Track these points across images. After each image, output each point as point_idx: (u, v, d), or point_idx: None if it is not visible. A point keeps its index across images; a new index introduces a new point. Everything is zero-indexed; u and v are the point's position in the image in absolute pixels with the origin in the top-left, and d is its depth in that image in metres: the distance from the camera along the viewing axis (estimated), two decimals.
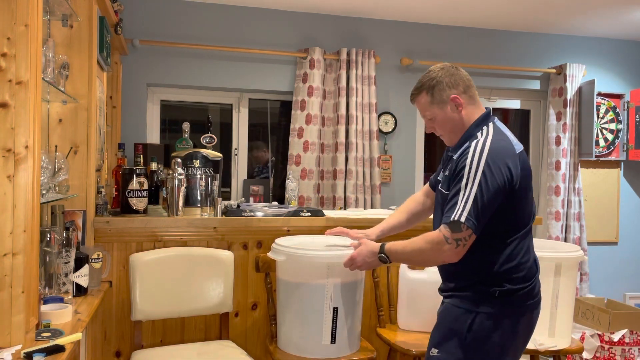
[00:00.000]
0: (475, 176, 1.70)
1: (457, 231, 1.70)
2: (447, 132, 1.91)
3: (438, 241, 1.73)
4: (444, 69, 1.89)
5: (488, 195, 1.69)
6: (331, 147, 4.14)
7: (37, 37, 1.74)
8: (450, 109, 1.87)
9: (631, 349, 3.58)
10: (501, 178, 1.71)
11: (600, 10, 4.06)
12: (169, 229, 2.69)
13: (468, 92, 1.88)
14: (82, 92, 2.44)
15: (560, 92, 4.58)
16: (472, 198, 1.69)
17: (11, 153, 1.66)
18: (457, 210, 1.70)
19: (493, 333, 1.76)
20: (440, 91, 1.87)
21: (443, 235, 1.72)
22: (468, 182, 1.71)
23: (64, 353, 1.62)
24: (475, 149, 1.74)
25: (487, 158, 1.71)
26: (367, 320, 2.85)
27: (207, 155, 3.00)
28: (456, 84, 1.87)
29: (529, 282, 1.82)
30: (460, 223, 1.68)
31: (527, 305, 1.82)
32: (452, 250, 1.72)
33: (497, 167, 1.71)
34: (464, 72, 1.91)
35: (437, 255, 1.76)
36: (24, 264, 1.67)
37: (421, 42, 4.41)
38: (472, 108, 1.88)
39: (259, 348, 2.84)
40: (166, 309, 2.57)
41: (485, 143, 1.75)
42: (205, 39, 4.00)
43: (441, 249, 1.73)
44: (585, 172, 4.74)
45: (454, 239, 1.71)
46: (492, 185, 1.70)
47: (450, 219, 1.71)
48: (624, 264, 4.82)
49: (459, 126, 1.88)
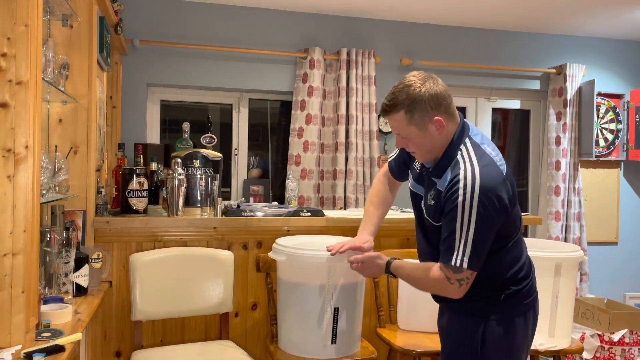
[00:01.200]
0: (470, 219, 1.63)
1: (459, 272, 1.67)
2: (423, 151, 1.79)
3: (441, 281, 1.71)
4: (426, 85, 1.71)
5: (487, 234, 1.66)
6: (331, 147, 4.14)
7: (37, 37, 1.74)
8: (430, 131, 1.73)
9: (631, 349, 3.58)
10: (497, 213, 1.65)
11: (600, 10, 4.06)
12: (169, 229, 2.69)
13: (448, 110, 1.74)
14: (82, 92, 2.44)
15: (560, 92, 4.58)
16: (470, 242, 1.64)
17: (11, 153, 1.66)
18: (457, 255, 1.65)
19: (507, 336, 1.76)
20: (421, 113, 1.71)
21: (445, 276, 1.70)
22: (463, 224, 1.64)
23: (64, 353, 1.62)
24: (465, 186, 1.63)
25: (481, 197, 1.62)
26: (367, 320, 2.85)
27: (207, 155, 3.00)
28: (438, 105, 1.71)
29: (529, 278, 1.83)
30: (462, 268, 1.66)
31: (531, 300, 1.83)
32: (456, 290, 1.70)
33: (492, 203, 1.63)
34: (441, 86, 1.75)
35: (440, 291, 1.77)
36: (24, 264, 1.67)
37: (421, 42, 4.41)
38: (451, 125, 1.76)
39: (259, 348, 2.84)
40: (166, 309, 2.57)
41: (475, 178, 1.64)
42: (205, 39, 4.00)
43: (444, 287, 1.72)
44: (585, 172, 4.74)
45: (456, 280, 1.69)
46: (489, 224, 1.65)
47: (450, 263, 1.67)
48: (624, 264, 4.82)
49: (437, 146, 1.77)
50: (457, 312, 1.84)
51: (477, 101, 4.72)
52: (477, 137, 1.77)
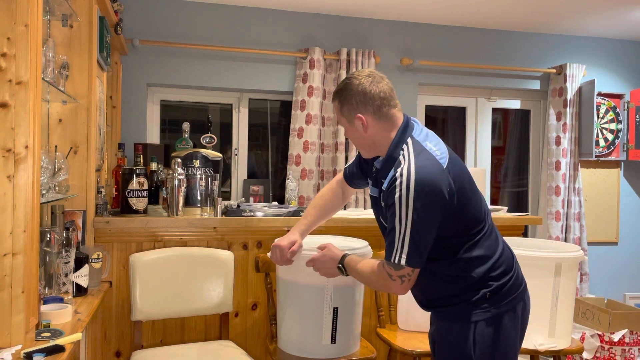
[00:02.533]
0: (407, 215, 1.62)
1: (400, 269, 1.67)
2: (357, 145, 1.87)
3: (383, 277, 1.71)
4: (363, 83, 1.77)
5: (424, 231, 1.64)
6: (331, 147, 4.14)
7: (37, 37, 1.74)
8: (357, 126, 1.80)
9: (631, 349, 3.58)
10: (433, 208, 1.64)
11: (600, 10, 4.06)
12: (169, 229, 2.69)
13: (379, 111, 1.77)
14: (82, 92, 2.44)
15: (560, 92, 4.58)
16: (407, 239, 1.63)
17: (11, 153, 1.66)
18: (396, 251, 1.66)
19: (498, 335, 1.72)
20: (348, 108, 1.80)
21: (387, 272, 1.70)
22: (401, 221, 1.63)
23: (64, 353, 1.62)
24: (401, 182, 1.64)
25: (416, 191, 1.61)
26: (367, 320, 2.85)
27: (207, 155, 3.00)
28: (365, 103, 1.76)
29: (511, 272, 1.78)
30: (401, 265, 1.66)
31: (519, 293, 1.79)
32: (398, 286, 1.70)
33: (427, 198, 1.62)
34: (382, 89, 1.78)
35: (385, 288, 1.76)
36: (24, 264, 1.67)
37: (421, 42, 4.41)
38: (382, 127, 1.78)
39: (259, 348, 2.84)
40: (166, 309, 2.57)
41: (410, 173, 1.63)
42: (205, 39, 4.00)
43: (386, 284, 1.72)
44: (585, 172, 4.74)
45: (398, 276, 1.68)
46: (426, 220, 1.63)
47: (390, 259, 1.67)
48: (624, 264, 4.82)
49: (367, 144, 1.83)
50: (444, 319, 1.80)
51: (477, 101, 4.72)
52: (421, 136, 1.78)
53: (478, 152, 4.69)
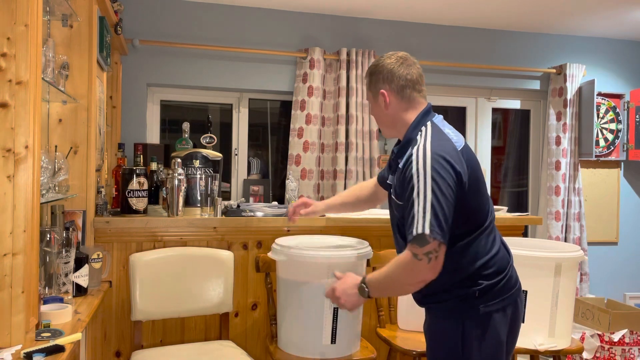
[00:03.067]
0: (425, 184, 1.63)
1: (424, 244, 1.59)
2: (378, 122, 1.95)
3: (408, 261, 1.62)
4: (391, 61, 1.85)
5: (444, 199, 1.62)
6: (331, 147, 4.14)
7: (37, 37, 1.74)
8: (379, 102, 1.87)
9: (631, 349, 3.58)
10: (450, 179, 1.65)
11: (600, 10, 4.06)
12: (169, 229, 2.69)
13: (402, 92, 1.83)
14: (82, 92, 2.44)
15: (560, 92, 4.58)
16: (429, 207, 1.60)
17: (11, 153, 1.66)
18: (417, 223, 1.61)
19: (486, 334, 1.73)
20: (375, 81, 1.88)
21: (411, 253, 1.61)
22: (420, 192, 1.63)
23: (64, 353, 1.62)
24: (417, 156, 1.67)
25: (432, 162, 1.64)
26: (367, 320, 2.85)
27: (207, 155, 3.00)
28: (390, 80, 1.84)
29: (503, 273, 1.77)
30: (425, 235, 1.59)
31: (510, 295, 1.78)
32: (425, 267, 1.60)
33: (444, 168, 1.64)
34: (411, 71, 1.85)
35: (413, 276, 1.65)
36: (24, 264, 1.67)
37: (421, 42, 4.41)
38: (403, 107, 1.85)
39: (259, 348, 2.84)
40: (166, 309, 2.57)
41: (426, 147, 1.68)
42: (205, 39, 4.00)
43: (414, 268, 1.62)
44: (585, 172, 4.74)
45: (423, 254, 1.60)
46: (446, 188, 1.63)
47: (413, 234, 1.61)
48: (624, 264, 4.82)
49: (388, 121, 1.89)
50: (436, 316, 1.81)
51: (477, 101, 4.72)
52: (440, 123, 1.84)
53: (478, 152, 4.68)
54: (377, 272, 1.75)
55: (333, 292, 1.84)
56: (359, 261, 2.36)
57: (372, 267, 2.69)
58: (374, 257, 2.61)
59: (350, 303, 1.81)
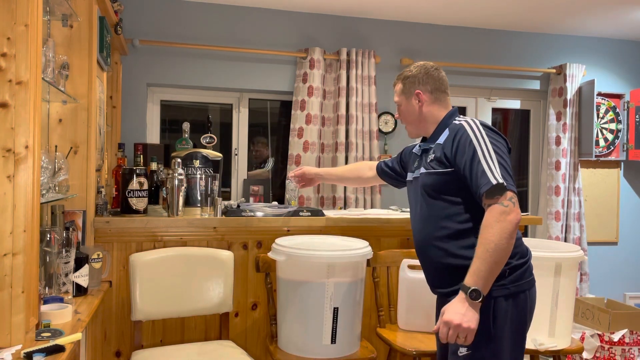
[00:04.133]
0: (486, 144, 1.79)
1: (504, 192, 1.70)
2: (407, 122, 2.10)
3: (499, 210, 1.67)
4: (424, 68, 2.08)
5: (506, 158, 1.79)
6: (331, 147, 4.14)
7: (37, 37, 1.74)
8: (413, 103, 2.05)
9: (631, 349, 3.58)
10: (503, 145, 1.83)
11: (600, 10, 4.06)
12: (169, 229, 2.69)
13: (435, 93, 2.05)
14: (82, 92, 2.44)
15: (560, 92, 4.58)
16: (497, 163, 1.74)
17: (11, 153, 1.66)
18: (491, 176, 1.72)
19: (514, 311, 1.80)
20: (410, 84, 2.07)
21: (497, 202, 1.68)
22: (483, 151, 1.77)
23: (64, 353, 1.62)
24: (470, 125, 1.86)
25: (485, 130, 1.84)
26: (367, 320, 2.85)
27: (207, 155, 3.00)
28: (425, 82, 2.05)
29: (526, 257, 1.88)
30: (503, 185, 1.70)
31: (531, 279, 1.88)
32: (514, 210, 1.68)
33: (497, 134, 1.86)
34: (441, 76, 2.09)
35: (508, 224, 1.66)
36: (24, 264, 1.67)
37: (421, 42, 4.41)
38: (434, 107, 2.04)
39: (259, 348, 2.84)
40: (166, 309, 2.57)
41: (475, 120, 1.89)
42: (205, 39, 4.00)
43: (508, 213, 1.67)
44: (585, 172, 4.74)
45: (508, 200, 1.69)
46: (503, 151, 1.81)
47: (491, 184, 1.70)
48: (624, 264, 4.82)
49: (418, 120, 2.06)
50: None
51: (477, 101, 4.72)
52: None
53: None
54: (473, 266, 1.68)
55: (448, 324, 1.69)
56: (359, 261, 2.36)
57: (372, 267, 2.70)
58: (374, 257, 2.61)
59: (475, 320, 1.68)
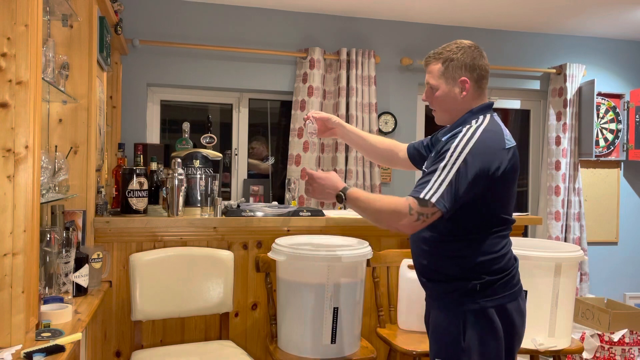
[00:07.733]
0: (456, 161, 1.68)
1: (424, 206, 1.67)
2: (441, 109, 1.92)
3: (401, 209, 1.68)
4: (471, 50, 1.91)
5: (464, 183, 1.67)
6: (331, 147, 4.14)
7: (37, 37, 1.74)
8: (455, 88, 1.88)
9: (631, 349, 3.58)
10: (482, 167, 1.69)
11: (600, 10, 4.06)
12: (169, 229, 2.69)
13: (479, 82, 1.89)
14: (82, 92, 2.44)
15: (560, 92, 4.58)
16: (447, 182, 1.66)
17: (11, 153, 1.66)
18: (429, 189, 1.67)
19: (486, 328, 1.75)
20: (455, 68, 1.88)
21: (409, 205, 1.68)
22: (447, 165, 1.68)
23: (64, 353, 1.62)
24: (464, 135, 1.73)
25: (473, 147, 1.70)
26: (367, 320, 2.85)
27: (207, 155, 3.00)
28: (472, 70, 1.88)
29: (507, 272, 1.80)
30: (430, 202, 1.65)
31: (512, 293, 1.80)
32: (410, 223, 1.68)
33: (480, 156, 1.69)
34: (485, 62, 1.92)
35: (394, 221, 1.72)
36: (24, 264, 1.67)
37: (421, 42, 4.41)
38: (475, 96, 1.88)
39: (259, 348, 2.84)
40: (166, 309, 2.57)
41: (477, 131, 1.73)
42: (205, 39, 4.00)
43: (401, 216, 1.69)
44: (585, 172, 4.74)
45: (417, 212, 1.67)
46: (470, 174, 1.68)
47: (420, 195, 1.67)
48: (624, 264, 4.82)
49: (455, 108, 1.88)
50: (438, 308, 1.84)
51: None
52: (499, 121, 1.87)
53: None
54: (363, 193, 1.81)
55: (312, 179, 1.89)
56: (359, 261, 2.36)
57: (372, 267, 2.70)
58: (374, 257, 2.61)
59: (319, 196, 1.90)
